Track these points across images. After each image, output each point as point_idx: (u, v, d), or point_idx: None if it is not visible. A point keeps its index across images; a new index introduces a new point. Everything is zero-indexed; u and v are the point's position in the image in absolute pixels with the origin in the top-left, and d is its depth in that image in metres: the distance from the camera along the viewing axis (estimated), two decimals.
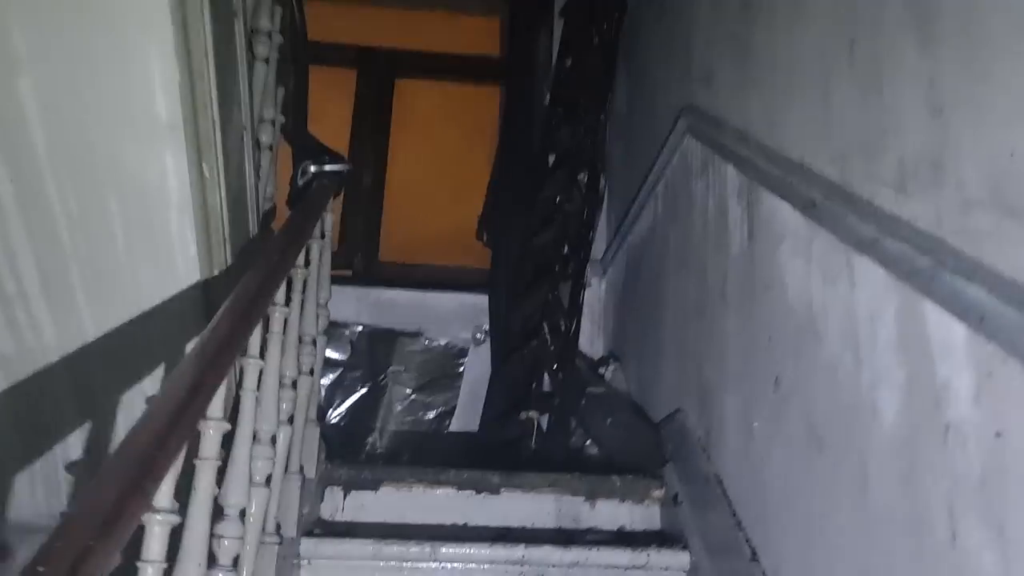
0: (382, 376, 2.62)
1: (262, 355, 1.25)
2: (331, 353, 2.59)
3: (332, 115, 3.04)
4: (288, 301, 1.42)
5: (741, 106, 1.62)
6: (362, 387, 2.62)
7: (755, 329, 1.47)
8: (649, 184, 2.24)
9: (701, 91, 1.89)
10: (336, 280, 1.96)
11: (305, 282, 1.60)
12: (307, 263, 1.66)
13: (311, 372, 1.68)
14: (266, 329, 1.32)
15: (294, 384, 1.51)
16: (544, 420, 2.24)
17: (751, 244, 1.52)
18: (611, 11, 2.64)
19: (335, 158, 1.91)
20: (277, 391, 1.35)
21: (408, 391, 2.63)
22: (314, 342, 1.67)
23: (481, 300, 2.74)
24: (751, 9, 1.61)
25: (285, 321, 1.38)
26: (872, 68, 1.13)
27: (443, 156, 3.13)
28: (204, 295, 1.48)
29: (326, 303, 1.84)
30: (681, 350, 1.94)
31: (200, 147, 1.32)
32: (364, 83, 3.09)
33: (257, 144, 1.75)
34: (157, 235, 1.43)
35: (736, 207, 1.61)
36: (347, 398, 2.61)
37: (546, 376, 2.31)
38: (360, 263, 2.90)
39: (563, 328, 2.38)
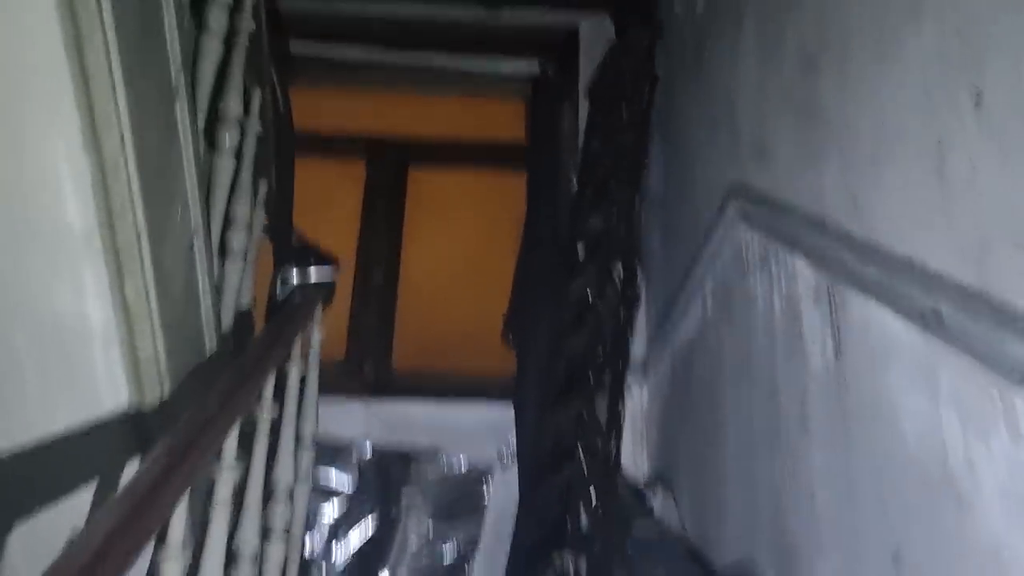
0: (394, 509, 2.26)
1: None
2: (336, 482, 2.25)
3: (340, 209, 2.79)
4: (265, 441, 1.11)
5: (810, 184, 1.29)
6: (371, 521, 2.27)
7: (855, 474, 1.11)
8: (695, 278, 1.91)
9: (753, 167, 1.58)
10: (342, 392, 1.66)
11: (277, 421, 1.29)
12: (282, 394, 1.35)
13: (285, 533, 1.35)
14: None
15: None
16: (582, 564, 1.86)
17: (839, 361, 1.17)
18: (641, 83, 2.36)
19: (323, 262, 1.63)
20: None
21: (425, 526, 2.27)
22: (290, 496, 1.34)
23: (507, 412, 2.40)
24: (816, 65, 1.30)
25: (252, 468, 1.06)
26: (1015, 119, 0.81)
27: (462, 250, 2.84)
28: (135, 433, 1.17)
29: (311, 441, 1.51)
30: (749, 482, 1.56)
31: (121, 262, 1.03)
32: (374, 174, 2.85)
33: (223, 250, 1.47)
34: (76, 370, 1.12)
35: (813, 312, 1.27)
36: (353, 535, 2.25)
37: (582, 510, 1.94)
38: (370, 371, 2.58)
39: (601, 449, 2.01)
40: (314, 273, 1.63)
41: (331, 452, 2.22)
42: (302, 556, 1.53)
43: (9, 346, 1.10)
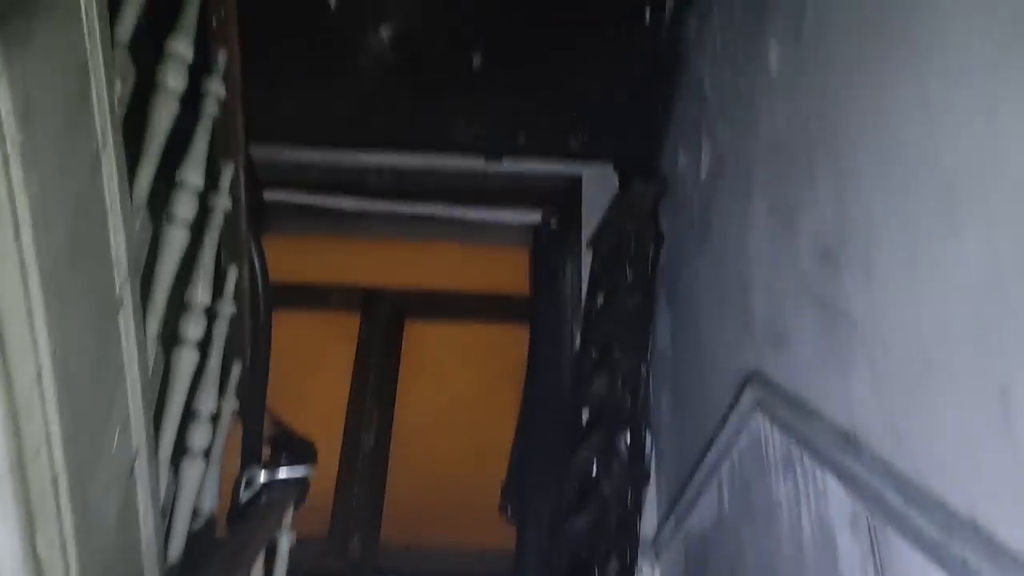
0: None
1: None
2: None
3: (330, 367, 2.65)
4: None
5: (838, 393, 1.14)
6: None
7: None
8: (709, 462, 1.73)
9: (771, 355, 1.43)
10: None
11: None
12: None
13: None
14: None
15: None
16: None
17: None
18: (645, 243, 2.26)
19: (296, 457, 1.47)
20: None
21: None
22: None
23: None
24: (834, 260, 1.17)
25: None
26: None
27: (459, 410, 2.68)
28: None
29: None
30: None
31: (32, 512, 0.88)
32: (368, 328, 2.72)
33: (180, 449, 1.32)
34: None
35: (850, 543, 1.09)
36: None
37: None
38: (356, 548, 2.37)
39: None
40: (286, 471, 1.48)
41: None
42: None
43: None
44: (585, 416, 2.22)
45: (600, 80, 2.61)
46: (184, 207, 1.19)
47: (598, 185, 2.70)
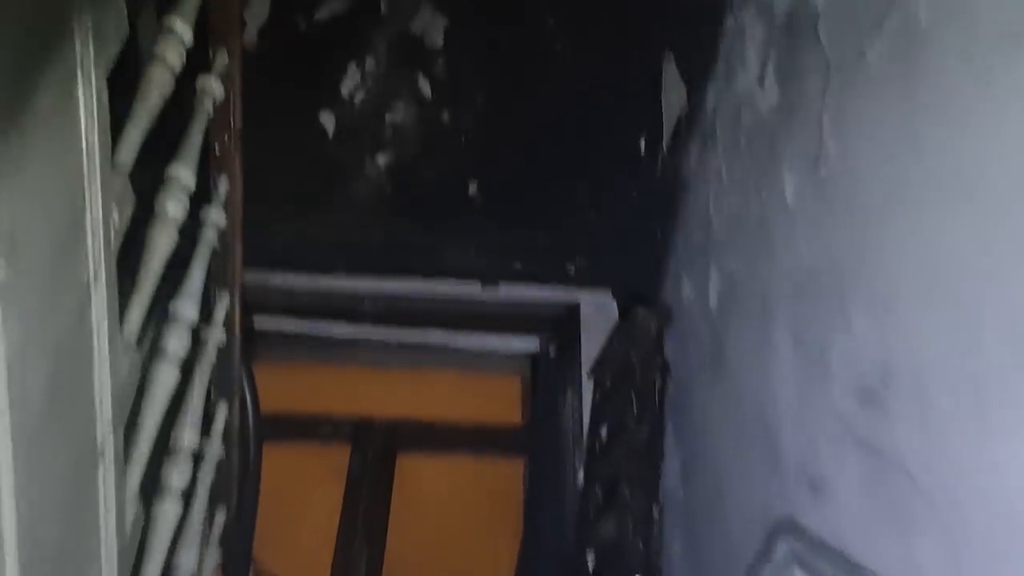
0: None
1: None
2: None
3: (318, 503, 2.49)
4: None
5: (900, 555, 1.03)
6: None
7: None
8: None
9: (806, 503, 1.32)
10: None
11: None
12: None
13: None
14: None
15: None
16: None
17: None
18: (651, 374, 2.18)
19: None
20: None
21: None
22: None
23: None
24: (879, 401, 1.09)
25: None
26: None
27: (453, 548, 2.51)
28: None
29: None
30: None
31: None
32: (359, 461, 2.58)
33: None
34: None
35: None
36: None
37: None
38: None
39: None
40: None
41: None
42: None
43: None
44: (591, 562, 2.07)
45: (597, 206, 2.61)
46: (176, 342, 1.10)
47: (597, 312, 2.64)
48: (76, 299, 0.79)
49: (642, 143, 2.52)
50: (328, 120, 2.61)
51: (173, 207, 0.99)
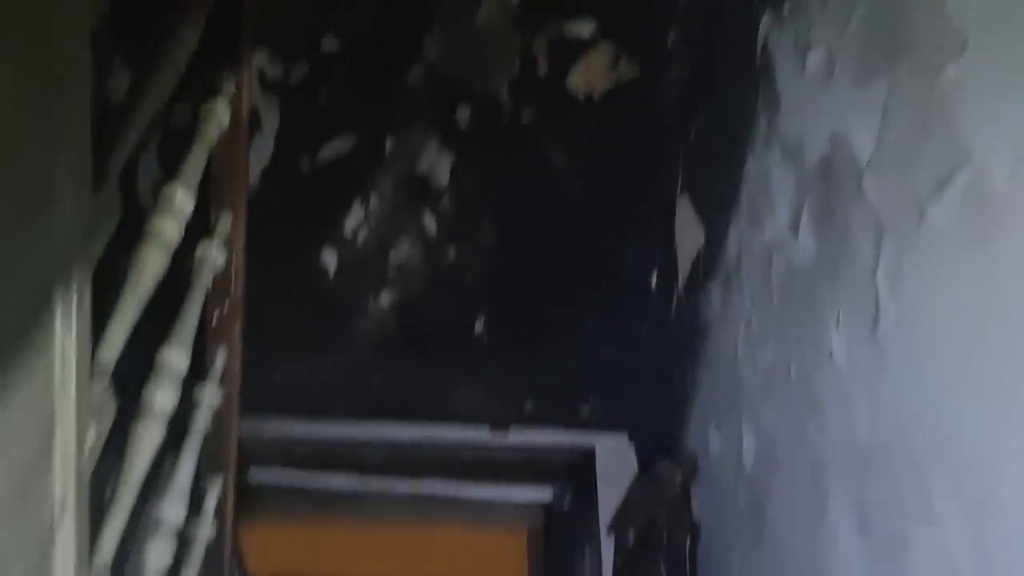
0: None
1: None
2: None
3: None
4: None
5: None
6: None
7: None
8: None
9: None
10: None
11: None
12: None
13: None
14: None
15: None
16: None
17: None
18: (677, 533, 2.00)
19: None
20: None
21: None
22: None
23: None
24: None
25: None
26: None
27: None
28: None
29: None
30: None
31: None
32: None
33: None
34: None
35: None
36: None
37: None
38: None
39: None
40: None
41: None
42: None
43: None
44: None
45: (610, 345, 2.49)
46: (159, 555, 0.94)
47: (614, 457, 2.48)
48: (38, 541, 0.65)
49: (655, 281, 2.43)
50: (330, 258, 2.52)
51: (163, 398, 0.86)
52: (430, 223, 2.52)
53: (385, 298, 2.57)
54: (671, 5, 2.33)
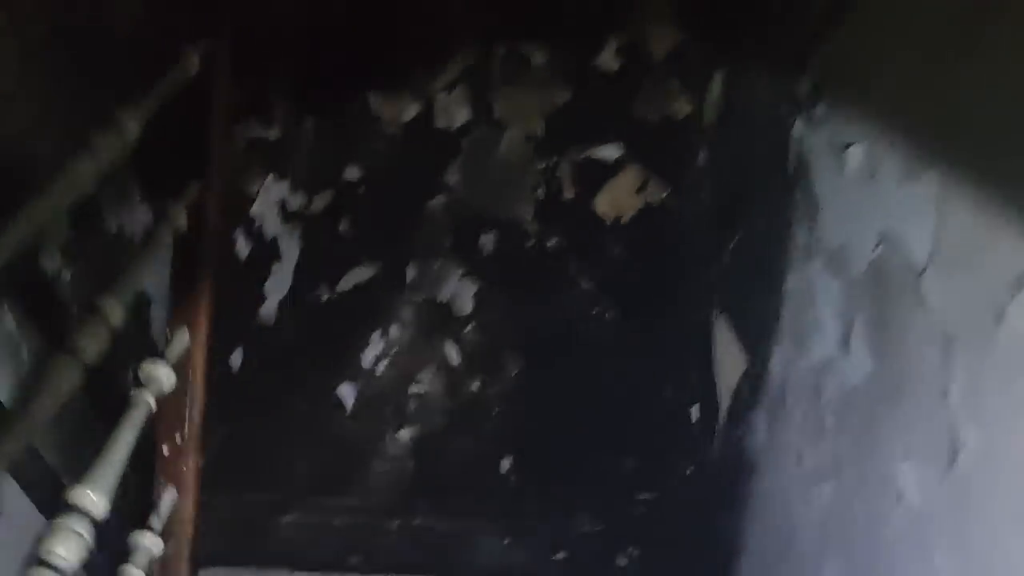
0: None
1: None
2: None
3: None
4: None
5: None
6: None
7: None
8: None
9: None
10: None
11: None
12: None
13: None
14: None
15: None
16: None
17: None
18: None
19: None
20: None
21: None
22: None
23: None
24: None
25: None
26: None
27: None
28: None
29: None
30: None
31: None
32: None
33: None
34: None
35: None
36: None
37: None
38: None
39: None
40: None
41: None
42: None
43: None
44: None
45: (648, 487, 2.27)
46: None
47: None
48: None
49: (695, 414, 2.22)
50: (347, 393, 2.38)
51: (67, 551, 0.69)
52: (452, 354, 2.38)
53: (405, 435, 2.39)
54: (699, 125, 2.26)
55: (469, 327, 2.37)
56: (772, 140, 1.60)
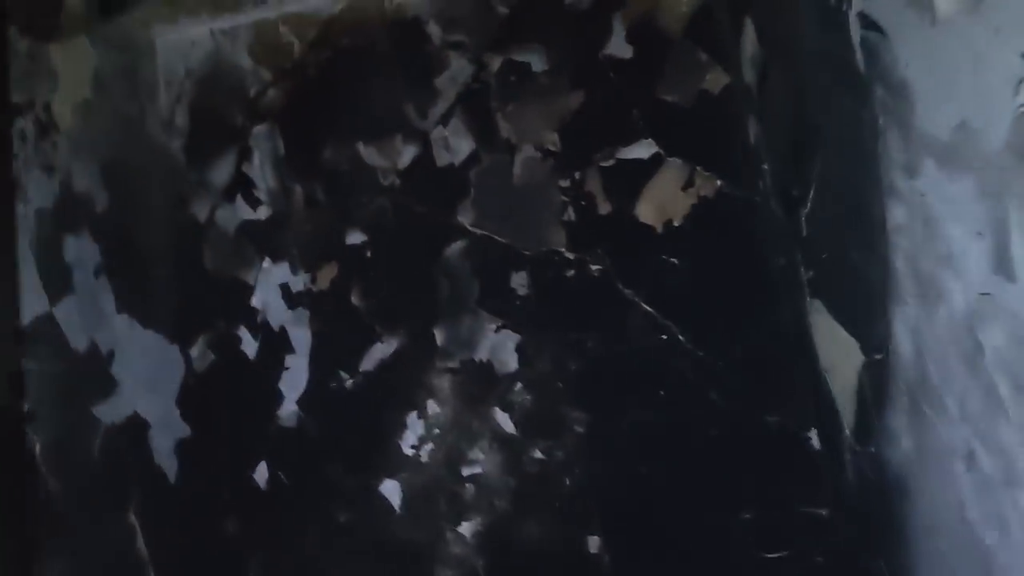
0: None
1: None
2: None
3: None
4: None
5: None
6: None
7: None
8: None
9: None
10: None
11: None
12: None
13: None
14: None
15: None
16: None
17: None
18: None
19: None
20: None
21: None
22: None
23: None
24: None
25: None
26: None
27: None
28: None
29: None
30: None
31: None
32: None
33: None
34: None
35: None
36: None
37: None
38: None
39: None
40: None
41: None
42: None
43: None
44: None
45: (775, 539, 1.78)
46: None
47: None
48: None
49: (815, 441, 1.74)
50: (392, 490, 2.00)
51: None
52: (504, 421, 1.98)
53: (466, 529, 1.98)
54: (740, 91, 1.89)
55: (517, 387, 1.98)
56: (826, 46, 1.22)
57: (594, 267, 1.95)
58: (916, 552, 1.38)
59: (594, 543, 1.88)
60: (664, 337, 1.86)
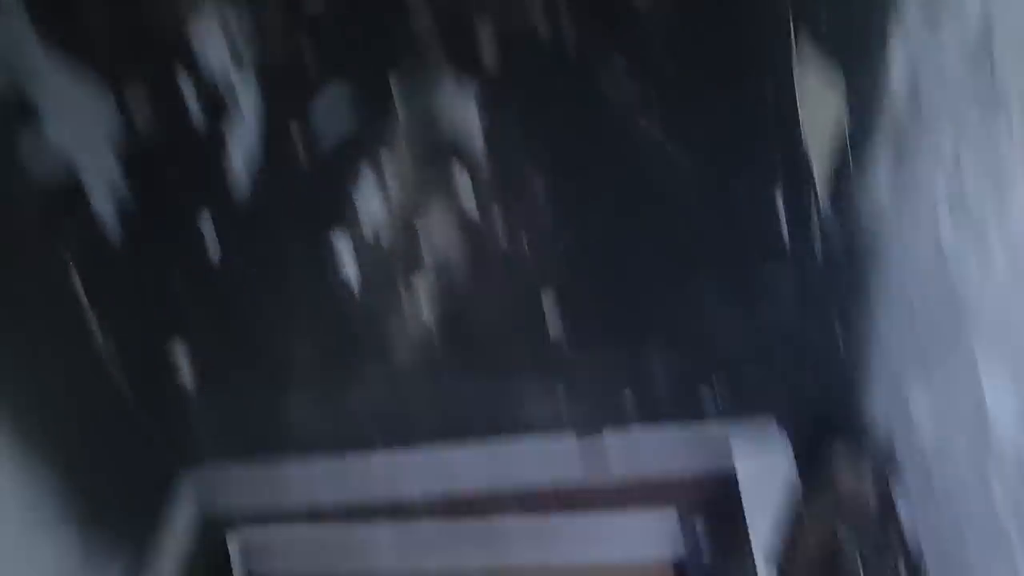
0: None
1: None
2: None
3: None
4: None
5: None
6: None
7: None
8: None
9: None
10: None
11: None
12: None
13: None
14: None
15: None
16: None
17: None
18: (887, 558, 1.25)
19: None
20: None
21: None
22: None
23: None
24: None
25: None
26: None
27: None
28: None
29: None
30: None
31: None
32: None
33: None
34: None
35: None
36: None
37: None
38: None
39: None
40: None
41: None
42: None
43: None
44: None
45: (729, 301, 1.76)
46: None
47: (757, 456, 1.77)
48: None
49: (779, 199, 1.66)
50: (346, 249, 1.89)
51: None
52: (466, 195, 1.82)
53: (420, 285, 1.92)
54: None
55: (482, 156, 1.81)
56: None
57: (570, 42, 1.73)
58: (878, 294, 1.36)
59: (547, 303, 1.84)
60: (629, 85, 1.70)
